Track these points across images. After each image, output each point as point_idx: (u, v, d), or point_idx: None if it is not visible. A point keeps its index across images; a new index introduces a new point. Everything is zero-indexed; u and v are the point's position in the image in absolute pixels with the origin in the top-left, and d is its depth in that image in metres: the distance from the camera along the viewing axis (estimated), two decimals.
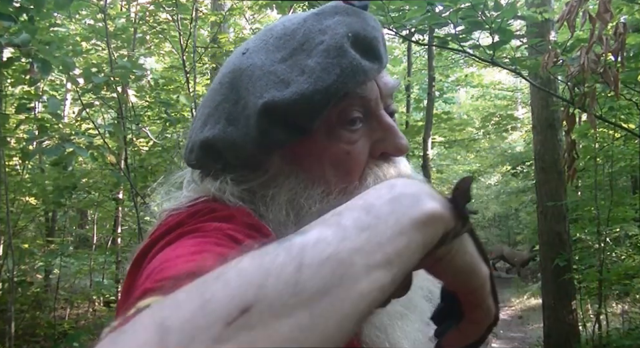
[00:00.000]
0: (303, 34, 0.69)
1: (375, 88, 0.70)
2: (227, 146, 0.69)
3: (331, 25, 0.69)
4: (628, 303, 6.97)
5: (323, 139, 0.69)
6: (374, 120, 0.71)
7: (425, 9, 3.11)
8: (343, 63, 0.65)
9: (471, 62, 10.00)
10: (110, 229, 8.16)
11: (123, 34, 5.83)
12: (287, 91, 0.65)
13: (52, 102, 4.11)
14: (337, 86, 0.65)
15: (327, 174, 0.69)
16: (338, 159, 0.69)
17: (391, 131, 0.71)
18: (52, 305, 6.16)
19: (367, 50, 0.68)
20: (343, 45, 0.66)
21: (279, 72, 0.67)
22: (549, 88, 5.14)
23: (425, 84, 10.58)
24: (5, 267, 5.09)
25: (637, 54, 3.28)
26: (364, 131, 0.70)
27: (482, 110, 14.45)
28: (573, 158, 3.06)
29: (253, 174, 0.70)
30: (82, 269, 6.94)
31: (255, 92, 0.67)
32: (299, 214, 0.68)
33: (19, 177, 5.76)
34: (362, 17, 0.71)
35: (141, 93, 5.49)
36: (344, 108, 0.68)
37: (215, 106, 0.72)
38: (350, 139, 0.69)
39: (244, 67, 0.69)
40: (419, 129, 8.42)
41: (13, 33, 3.06)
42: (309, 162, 0.69)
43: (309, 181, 0.69)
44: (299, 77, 0.66)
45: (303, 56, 0.67)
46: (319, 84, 0.64)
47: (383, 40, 0.72)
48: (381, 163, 0.71)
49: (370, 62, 0.68)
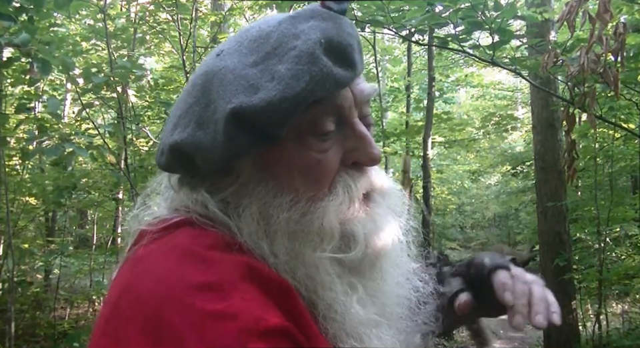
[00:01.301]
0: (277, 38, 0.68)
1: (349, 95, 0.69)
2: (195, 150, 0.68)
3: (305, 30, 0.67)
4: (628, 303, 6.98)
5: (293, 146, 0.67)
6: (347, 128, 0.70)
7: (425, 9, 3.11)
8: (313, 70, 0.64)
9: (470, 62, 10.00)
10: (110, 229, 8.16)
11: (122, 34, 5.82)
12: (255, 96, 0.64)
13: (52, 102, 4.11)
14: (305, 94, 0.63)
15: (296, 182, 0.68)
16: (307, 167, 0.68)
17: (364, 140, 0.70)
18: (52, 305, 6.15)
19: (340, 57, 0.66)
20: (315, 52, 0.64)
21: (249, 76, 0.66)
22: (549, 88, 5.14)
23: (425, 84, 10.57)
24: (5, 267, 5.08)
25: (637, 54, 3.28)
26: (336, 139, 0.69)
27: (482, 110, 14.44)
28: (572, 158, 3.06)
29: (225, 181, 0.69)
30: (82, 268, 6.94)
31: (225, 96, 0.65)
32: (268, 223, 0.67)
33: (18, 176, 5.76)
34: (338, 22, 0.69)
35: (141, 93, 5.49)
36: (315, 116, 0.67)
37: (187, 108, 0.70)
38: (320, 148, 0.68)
39: (216, 69, 0.68)
40: (419, 128, 8.41)
41: (13, 33, 3.06)
42: (279, 169, 0.68)
43: (278, 189, 0.68)
44: (269, 83, 0.64)
45: (274, 61, 0.66)
46: (287, 91, 0.63)
47: (359, 46, 0.70)
48: (353, 171, 0.70)
49: (343, 69, 0.66)
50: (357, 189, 0.69)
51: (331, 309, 0.65)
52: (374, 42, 9.09)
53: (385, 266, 0.72)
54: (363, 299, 0.68)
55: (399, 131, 8.58)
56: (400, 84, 11.01)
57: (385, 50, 11.59)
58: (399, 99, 10.82)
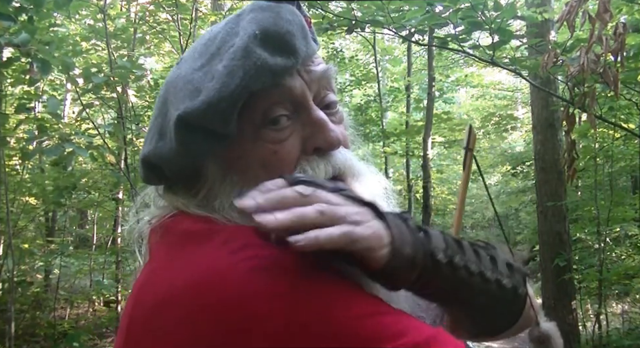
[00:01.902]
0: (221, 38, 0.68)
1: (299, 82, 0.68)
2: (160, 161, 0.69)
3: (244, 25, 0.67)
4: (628, 303, 6.98)
5: (250, 141, 0.67)
6: (303, 115, 0.69)
7: (425, 9, 3.11)
8: (247, 65, 0.63)
9: (470, 62, 10.00)
10: (110, 229, 8.16)
11: (122, 34, 5.83)
12: (197, 100, 0.64)
13: (51, 102, 4.11)
14: (239, 89, 0.63)
15: (259, 175, 0.67)
16: (266, 159, 0.67)
17: (320, 125, 0.69)
18: (52, 305, 6.16)
19: (278, 46, 0.66)
20: (248, 45, 0.64)
21: (195, 80, 0.67)
22: (548, 88, 5.14)
23: (425, 84, 10.57)
24: (5, 266, 5.09)
25: (637, 54, 3.28)
26: (293, 128, 0.68)
27: (482, 110, 14.45)
28: (572, 158, 3.06)
29: (196, 186, 0.70)
30: (82, 268, 6.94)
31: (175, 104, 0.67)
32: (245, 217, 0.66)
33: (18, 176, 5.76)
34: (276, 11, 0.68)
35: (141, 93, 5.49)
36: (265, 107, 0.66)
37: (153, 121, 0.72)
38: (275, 138, 0.67)
39: (173, 78, 0.70)
40: (419, 128, 8.41)
41: (13, 33, 3.06)
42: (241, 165, 0.68)
43: (244, 184, 0.67)
44: (209, 84, 0.65)
45: (216, 61, 0.66)
46: (223, 89, 0.63)
47: (303, 31, 0.69)
48: (314, 158, 0.69)
49: (283, 57, 0.65)
50: (314, 173, 0.68)
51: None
52: (374, 42, 9.09)
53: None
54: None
55: (398, 131, 8.58)
56: (400, 84, 11.01)
57: (385, 50, 11.59)
58: (399, 99, 10.81)
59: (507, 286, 0.73)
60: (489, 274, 0.71)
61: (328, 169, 0.69)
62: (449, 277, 0.66)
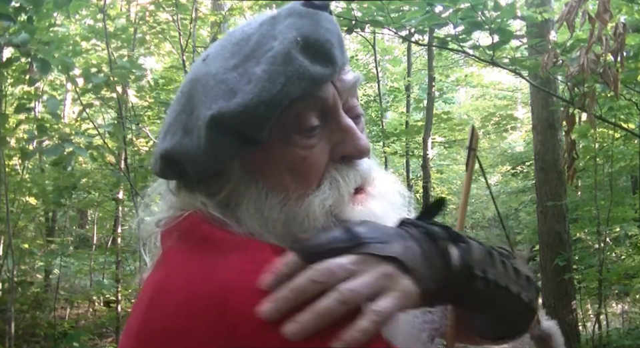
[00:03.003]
0: (256, 40, 0.67)
1: (331, 90, 0.68)
2: (183, 157, 0.68)
3: (282, 30, 0.66)
4: (628, 303, 6.97)
5: (279, 145, 0.67)
6: (333, 122, 0.69)
7: (425, 9, 3.11)
8: (289, 71, 0.63)
9: (470, 62, 10.00)
10: (110, 229, 8.16)
11: (122, 34, 5.82)
12: (232, 101, 0.63)
13: (51, 102, 4.11)
14: (281, 95, 0.63)
15: (286, 181, 0.67)
16: (295, 165, 0.67)
17: (349, 133, 0.69)
18: (52, 305, 6.15)
19: (318, 54, 0.65)
20: (290, 51, 0.64)
21: (229, 81, 0.65)
22: (548, 88, 5.14)
23: (425, 84, 10.57)
24: (5, 266, 5.09)
25: (637, 54, 3.28)
26: (322, 134, 0.68)
27: (482, 110, 14.44)
28: (572, 158, 3.06)
29: (217, 185, 0.69)
30: (82, 269, 6.94)
31: (206, 102, 0.65)
32: (266, 225, 0.67)
33: (18, 176, 5.76)
34: (315, 19, 0.68)
35: (141, 93, 5.49)
36: (298, 113, 0.66)
37: (175, 116, 0.71)
38: (306, 144, 0.67)
39: (200, 75, 0.69)
40: (419, 128, 8.41)
41: (13, 33, 3.06)
42: (268, 169, 0.68)
43: (269, 190, 0.67)
44: (246, 87, 0.64)
45: (252, 63, 0.65)
46: (263, 94, 0.62)
47: (340, 41, 0.69)
48: (342, 166, 0.69)
49: (322, 66, 0.65)
50: (345, 184, 0.68)
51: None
52: (374, 42, 9.09)
53: None
54: None
55: (398, 131, 8.58)
56: (400, 84, 11.00)
57: (385, 50, 11.59)
58: (398, 99, 10.80)
59: (525, 300, 0.75)
60: (514, 288, 0.72)
61: (357, 178, 0.70)
62: (480, 290, 0.67)
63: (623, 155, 6.24)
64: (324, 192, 0.67)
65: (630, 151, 6.09)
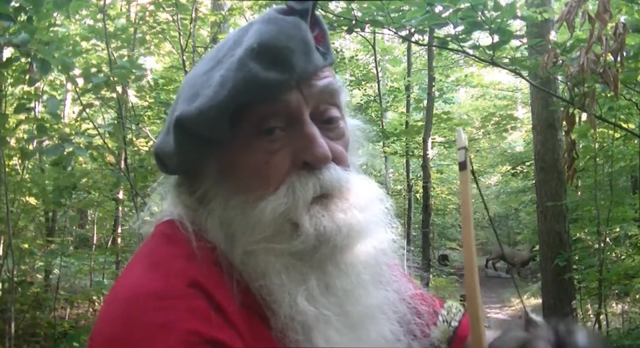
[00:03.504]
0: (229, 45, 0.71)
1: (295, 96, 0.69)
2: (164, 155, 0.73)
3: (249, 36, 0.69)
4: (628, 303, 6.97)
5: (244, 148, 0.69)
6: (296, 128, 0.70)
7: (425, 9, 3.11)
8: (237, 77, 0.65)
9: (470, 62, 10.00)
10: (110, 229, 8.16)
11: (122, 34, 5.82)
12: (192, 105, 0.67)
13: (51, 102, 4.11)
14: (227, 101, 0.65)
15: (249, 183, 0.70)
16: (257, 168, 0.69)
17: (310, 140, 0.69)
18: (52, 305, 6.15)
19: (274, 61, 0.66)
20: (242, 58, 0.66)
21: (197, 84, 0.70)
22: (548, 88, 5.14)
23: (425, 84, 10.57)
24: (4, 266, 5.08)
25: (637, 54, 3.28)
26: (286, 139, 0.70)
27: (482, 110, 14.44)
28: (572, 158, 3.05)
29: (196, 183, 0.73)
30: (82, 268, 6.93)
31: (179, 104, 0.70)
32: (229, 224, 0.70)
33: (18, 176, 5.75)
34: (279, 25, 0.68)
35: (141, 93, 5.49)
36: (261, 117, 0.68)
37: (169, 114, 0.76)
38: (268, 149, 0.69)
39: (187, 77, 0.75)
40: (419, 128, 8.41)
41: (12, 33, 3.06)
42: (237, 171, 0.71)
43: (235, 190, 0.70)
44: (205, 91, 0.67)
45: (217, 68, 0.69)
46: (214, 99, 0.65)
47: (305, 47, 0.69)
48: (302, 172, 0.70)
49: (277, 72, 0.66)
50: (302, 190, 0.69)
51: (277, 303, 0.66)
52: (374, 42, 9.09)
53: (348, 263, 0.71)
54: (313, 293, 0.68)
55: (398, 131, 8.58)
56: (400, 84, 11.00)
57: (385, 50, 11.59)
58: (399, 99, 10.80)
59: None
60: None
61: (316, 188, 0.70)
62: None
63: (622, 154, 6.24)
64: (278, 198, 0.69)
65: (630, 151, 6.09)
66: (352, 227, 0.70)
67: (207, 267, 0.66)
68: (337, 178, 0.71)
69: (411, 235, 9.20)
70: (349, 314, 0.70)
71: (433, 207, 11.15)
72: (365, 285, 0.73)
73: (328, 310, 0.68)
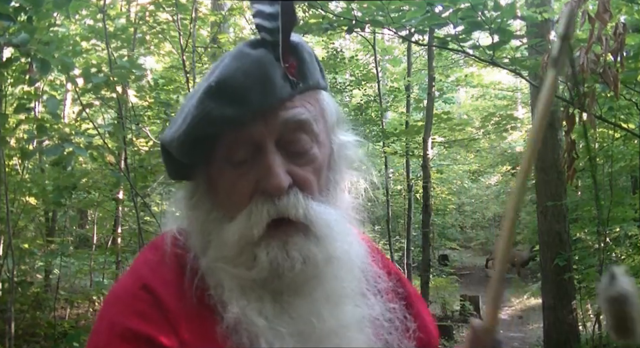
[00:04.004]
0: (209, 73, 0.78)
1: (258, 127, 0.73)
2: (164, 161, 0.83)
3: (217, 71, 0.75)
4: None
5: (218, 169, 0.77)
6: (260, 157, 0.74)
7: (425, 9, 3.11)
8: (194, 114, 0.72)
9: (470, 62, 9.99)
10: (110, 229, 8.16)
11: (122, 34, 5.82)
12: (167, 131, 0.78)
13: (51, 102, 4.10)
14: (187, 134, 0.73)
15: (225, 202, 0.77)
16: (227, 189, 0.76)
17: (266, 169, 0.73)
18: (52, 305, 6.14)
19: (230, 98, 0.71)
20: (201, 96, 0.72)
21: (181, 110, 0.78)
22: None
23: (425, 84, 10.57)
24: (4, 266, 5.08)
25: (637, 54, 3.28)
26: (250, 167, 0.75)
27: (482, 110, 14.43)
28: (572, 158, 3.05)
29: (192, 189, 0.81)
30: (82, 268, 6.93)
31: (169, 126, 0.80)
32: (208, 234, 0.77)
33: (18, 176, 5.75)
34: (242, 62, 0.73)
35: (141, 93, 5.48)
36: (228, 145, 0.75)
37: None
38: (233, 174, 0.75)
39: (188, 94, 0.84)
40: (419, 128, 8.40)
41: (12, 33, 3.06)
42: (217, 189, 0.78)
43: (218, 204, 0.78)
44: (178, 120, 0.76)
45: (194, 98, 0.75)
46: (177, 131, 0.74)
47: (262, 82, 0.72)
48: (261, 199, 0.74)
49: (234, 109, 0.71)
50: (257, 214, 0.73)
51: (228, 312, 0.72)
52: (374, 42, 9.08)
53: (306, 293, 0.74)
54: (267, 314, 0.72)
55: (398, 131, 8.57)
56: (400, 84, 10.99)
57: (385, 50, 11.58)
58: (399, 99, 10.79)
59: None
60: None
61: (271, 212, 0.73)
62: None
63: (622, 154, 6.24)
64: (240, 221, 0.74)
65: (630, 151, 6.09)
66: (308, 261, 0.73)
67: (170, 272, 0.75)
68: (294, 204, 0.74)
69: (410, 235, 9.20)
70: (303, 333, 0.72)
71: (433, 207, 11.14)
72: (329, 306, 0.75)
73: (282, 327, 0.71)
